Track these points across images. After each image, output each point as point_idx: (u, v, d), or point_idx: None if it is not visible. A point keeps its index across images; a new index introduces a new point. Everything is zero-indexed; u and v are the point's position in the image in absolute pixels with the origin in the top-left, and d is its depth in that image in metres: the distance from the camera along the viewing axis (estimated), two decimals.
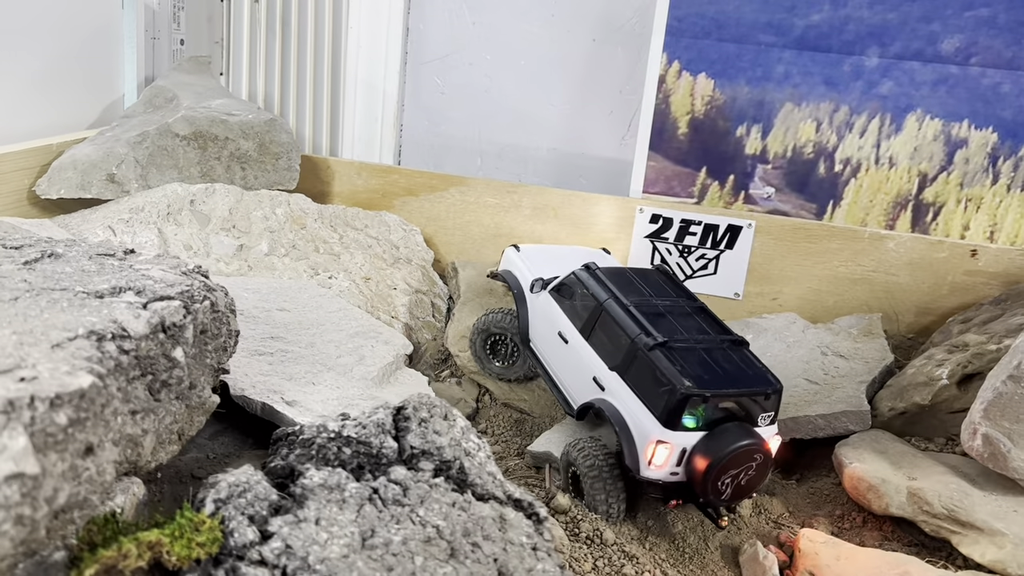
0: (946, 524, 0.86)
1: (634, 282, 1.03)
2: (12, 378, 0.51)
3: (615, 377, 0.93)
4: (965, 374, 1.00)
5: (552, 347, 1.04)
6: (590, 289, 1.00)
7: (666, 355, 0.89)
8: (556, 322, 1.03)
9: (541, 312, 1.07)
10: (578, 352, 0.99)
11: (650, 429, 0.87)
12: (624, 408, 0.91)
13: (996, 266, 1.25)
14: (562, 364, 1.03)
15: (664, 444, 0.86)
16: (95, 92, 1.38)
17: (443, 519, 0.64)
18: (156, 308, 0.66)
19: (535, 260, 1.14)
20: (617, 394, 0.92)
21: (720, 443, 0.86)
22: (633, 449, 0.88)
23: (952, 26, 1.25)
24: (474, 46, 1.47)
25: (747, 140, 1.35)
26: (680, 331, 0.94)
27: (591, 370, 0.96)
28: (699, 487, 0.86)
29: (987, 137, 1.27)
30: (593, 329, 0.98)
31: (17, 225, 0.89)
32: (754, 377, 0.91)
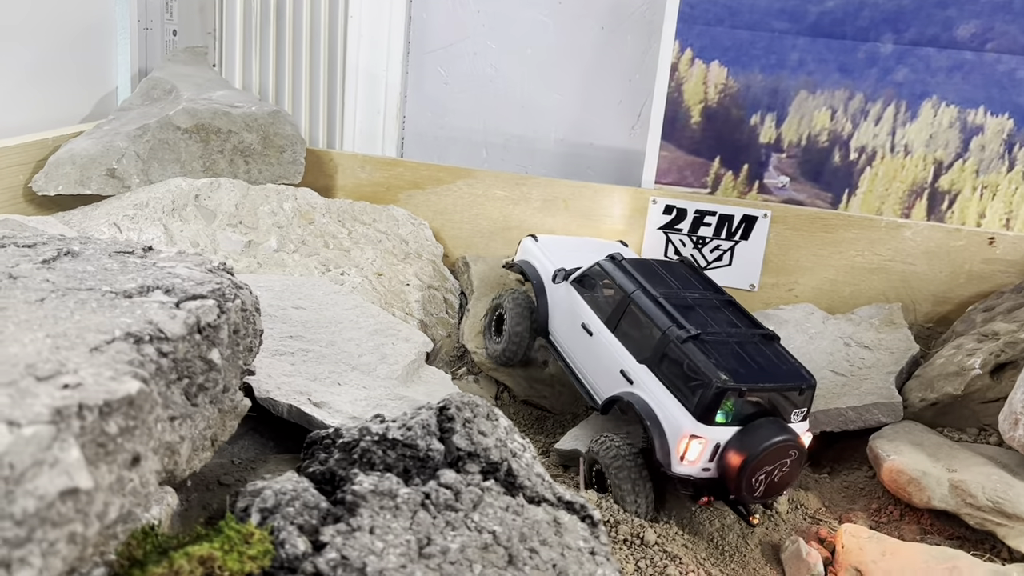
0: (991, 516, 0.84)
1: (660, 273, 1.01)
2: (55, 385, 0.47)
3: (644, 370, 0.91)
4: (998, 363, 0.98)
5: (575, 339, 1.02)
6: (616, 280, 0.98)
7: (700, 348, 0.87)
8: (579, 314, 1.01)
9: (562, 303, 1.04)
10: (604, 344, 0.96)
11: (683, 423, 0.85)
12: (655, 402, 0.88)
13: (1014, 254, 1.24)
14: (586, 357, 1.00)
15: (698, 439, 0.84)
16: (88, 84, 1.33)
17: (499, 524, 0.61)
18: (190, 307, 0.62)
19: (554, 250, 1.11)
20: (647, 387, 0.90)
21: (755, 439, 0.83)
22: (665, 444, 0.86)
23: (968, 11, 1.24)
24: (479, 35, 1.44)
25: (761, 129, 1.32)
26: (711, 324, 0.92)
27: (618, 363, 0.94)
28: (732, 484, 0.84)
29: (1003, 124, 1.26)
30: (620, 321, 0.96)
31: (23, 223, 0.85)
32: (788, 372, 0.89)
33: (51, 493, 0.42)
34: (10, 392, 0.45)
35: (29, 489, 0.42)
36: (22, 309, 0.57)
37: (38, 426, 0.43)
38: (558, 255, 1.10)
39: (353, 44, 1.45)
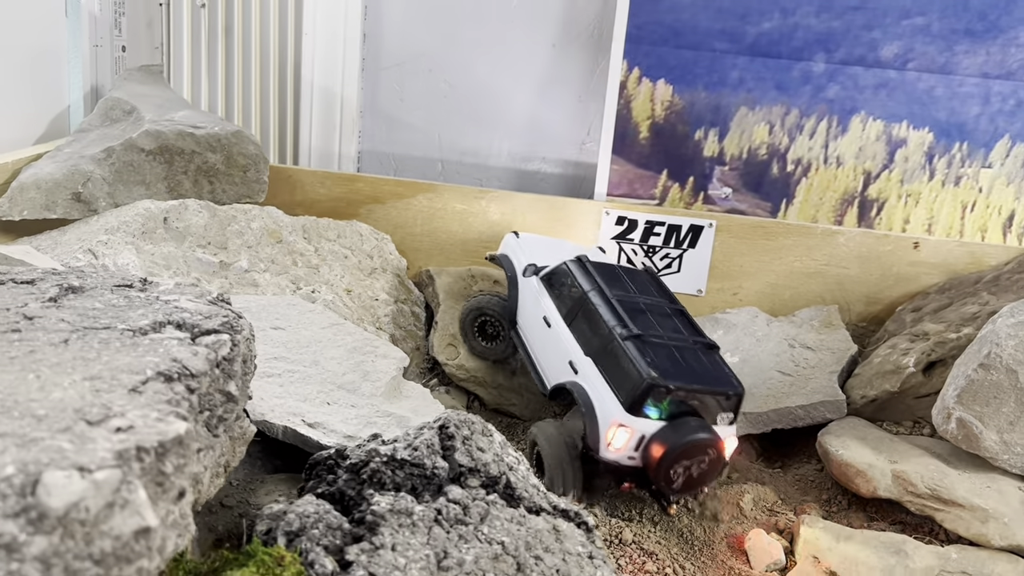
0: (930, 503, 0.93)
1: (621, 278, 1.08)
2: (108, 428, 0.50)
3: (589, 362, 0.98)
4: (929, 361, 1.08)
5: (535, 330, 1.09)
6: (578, 279, 1.05)
7: (638, 346, 0.94)
8: (542, 307, 1.08)
9: (530, 296, 1.11)
10: (559, 336, 1.03)
11: (613, 412, 0.92)
12: (593, 391, 0.96)
13: (936, 257, 1.35)
14: (542, 346, 1.07)
15: (624, 428, 0.91)
16: (40, 104, 1.31)
17: (507, 535, 0.66)
18: (207, 342, 0.65)
19: (532, 248, 1.18)
20: (589, 378, 0.97)
21: (677, 434, 0.90)
22: (595, 430, 0.93)
23: (891, 33, 1.34)
24: (433, 52, 1.48)
25: (705, 143, 1.40)
26: (656, 328, 1.00)
27: (568, 354, 1.01)
28: (653, 473, 0.91)
29: (924, 137, 1.37)
30: (576, 317, 1.03)
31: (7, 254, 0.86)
32: (718, 378, 0.97)
33: (126, 533, 0.45)
34: (70, 438, 0.48)
35: (104, 530, 0.45)
36: (50, 352, 0.59)
37: (107, 471, 0.46)
38: (534, 252, 1.16)
39: (307, 61, 1.47)
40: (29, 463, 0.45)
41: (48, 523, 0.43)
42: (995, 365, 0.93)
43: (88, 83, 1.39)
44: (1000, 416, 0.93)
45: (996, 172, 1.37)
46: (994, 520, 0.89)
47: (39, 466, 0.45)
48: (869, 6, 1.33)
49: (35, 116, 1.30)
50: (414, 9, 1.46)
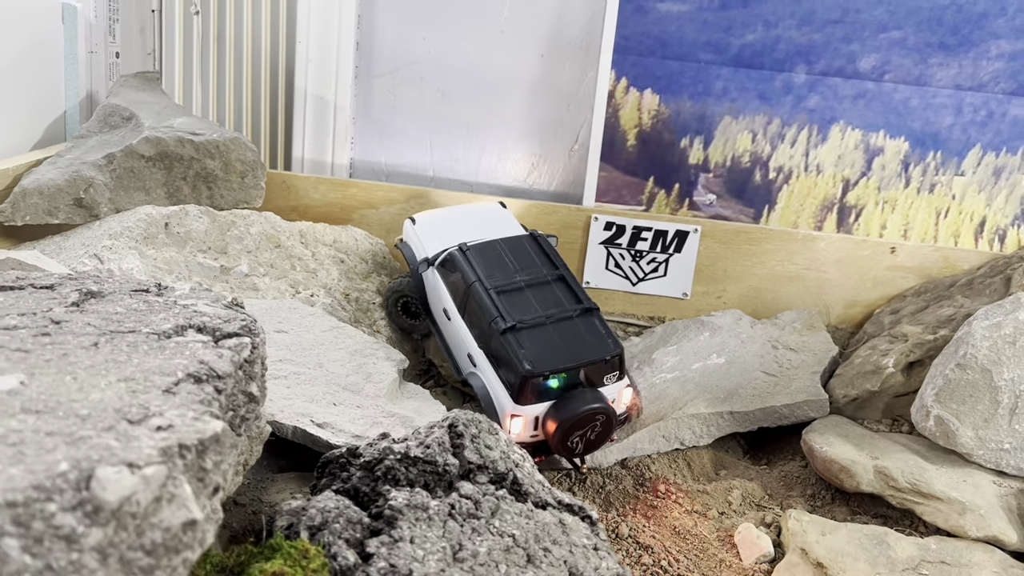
0: (911, 496, 0.97)
1: (502, 259, 1.12)
2: (149, 427, 0.53)
3: (481, 354, 1.05)
4: (908, 362, 1.13)
5: (442, 320, 1.14)
6: (461, 271, 1.09)
7: (514, 338, 1.01)
8: (442, 298, 1.12)
9: (432, 287, 1.15)
10: (457, 328, 1.09)
11: (505, 405, 1.00)
12: (488, 383, 1.03)
13: (912, 261, 1.40)
14: (449, 338, 1.13)
15: (518, 417, 1.00)
16: (37, 110, 1.33)
17: (517, 528, 0.70)
18: (230, 345, 0.67)
19: (428, 233, 1.20)
20: (483, 370, 1.04)
21: (566, 410, 0.99)
22: (496, 420, 1.01)
23: (869, 46, 1.39)
24: (425, 60, 1.51)
25: (690, 151, 1.45)
26: (535, 306, 1.05)
27: (466, 346, 1.07)
28: (553, 447, 1.00)
29: (900, 146, 1.42)
30: (465, 308, 1.08)
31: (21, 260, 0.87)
32: (594, 346, 1.03)
33: (175, 525, 0.48)
34: (115, 436, 0.51)
35: (155, 523, 0.48)
36: (82, 354, 0.62)
37: (154, 467, 0.49)
38: (430, 238, 1.18)
39: (300, 68, 1.49)
40: (81, 460, 0.47)
41: (103, 516, 0.46)
42: (971, 365, 0.98)
43: (83, 89, 1.41)
44: (976, 414, 0.98)
45: (968, 180, 1.42)
46: (971, 512, 0.93)
47: (91, 462, 0.47)
48: (848, 20, 1.38)
49: (32, 122, 1.31)
50: (407, 18, 1.49)
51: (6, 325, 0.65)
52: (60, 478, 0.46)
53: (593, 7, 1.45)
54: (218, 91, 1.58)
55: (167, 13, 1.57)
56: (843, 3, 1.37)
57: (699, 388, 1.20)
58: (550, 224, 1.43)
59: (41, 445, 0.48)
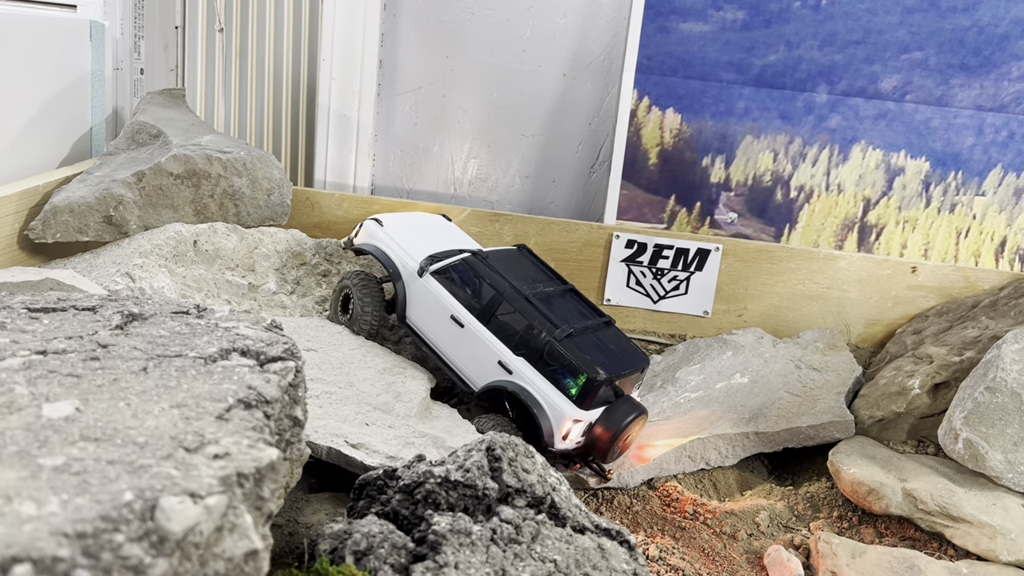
0: (940, 520, 0.98)
1: (518, 268, 1.14)
2: (205, 455, 0.53)
3: (523, 362, 1.05)
4: (934, 384, 1.13)
5: (442, 329, 1.10)
6: (487, 278, 1.09)
7: (574, 345, 1.04)
8: (447, 306, 1.09)
9: (425, 294, 1.11)
10: (477, 337, 1.07)
11: (566, 410, 1.02)
12: (538, 391, 1.03)
13: (933, 281, 1.40)
14: (456, 346, 1.10)
15: (579, 422, 1.03)
16: (65, 127, 1.34)
17: (558, 554, 0.70)
18: (275, 369, 0.68)
19: (403, 237, 1.16)
20: (527, 378, 1.04)
21: (617, 417, 1.04)
22: (550, 427, 1.02)
23: (891, 67, 1.40)
24: (447, 79, 1.52)
25: (712, 170, 1.45)
26: (572, 316, 1.09)
27: (495, 355, 1.06)
28: (601, 454, 1.05)
29: (921, 166, 1.43)
30: (492, 317, 1.07)
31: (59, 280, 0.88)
32: (633, 356, 1.09)
33: (238, 555, 0.48)
34: (175, 465, 0.51)
35: (217, 553, 0.48)
36: (133, 380, 0.62)
37: (216, 496, 0.49)
38: (409, 242, 1.16)
39: (324, 86, 1.50)
40: (144, 489, 0.48)
41: (168, 546, 0.46)
42: (1000, 388, 0.98)
43: (110, 106, 1.42)
44: (1005, 437, 0.98)
45: (989, 200, 1.43)
46: (1001, 536, 0.93)
47: (154, 492, 0.48)
48: (870, 40, 1.38)
49: (60, 138, 1.32)
50: (430, 37, 1.50)
51: (55, 349, 0.65)
52: (126, 508, 0.46)
53: (616, 27, 1.46)
54: (240, 108, 1.59)
55: (190, 30, 1.58)
56: (865, 24, 1.38)
57: (724, 408, 1.20)
58: (572, 242, 1.43)
59: (104, 474, 0.49)
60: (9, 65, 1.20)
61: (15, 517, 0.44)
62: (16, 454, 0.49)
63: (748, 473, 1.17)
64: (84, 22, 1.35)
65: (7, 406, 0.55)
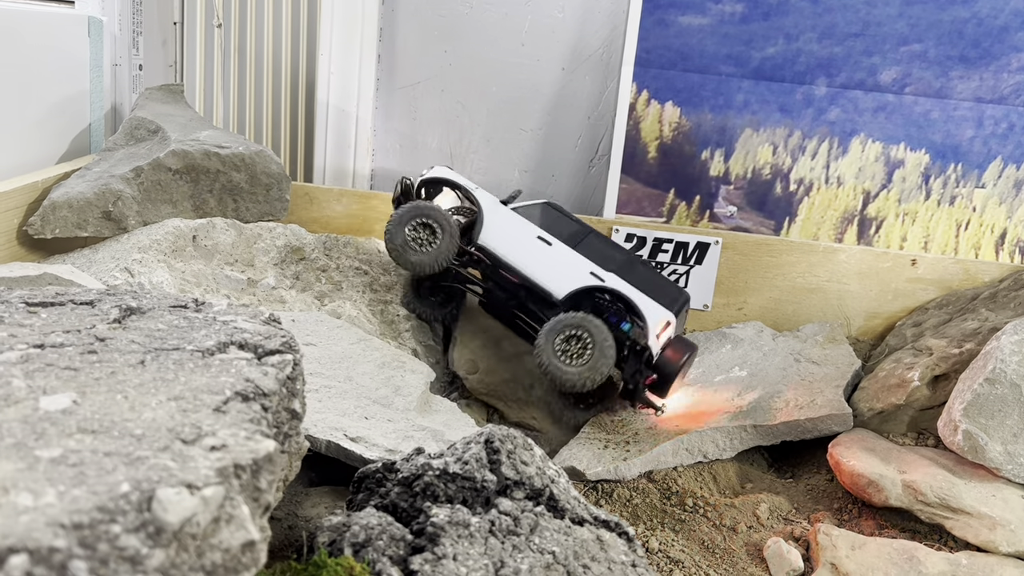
0: (939, 511, 0.98)
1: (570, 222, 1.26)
2: (203, 447, 0.53)
3: (614, 276, 1.16)
4: (934, 376, 1.13)
5: (526, 247, 1.18)
6: (570, 217, 1.25)
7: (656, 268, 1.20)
8: (533, 229, 1.20)
9: (508, 220, 1.21)
10: (567, 253, 1.18)
11: (661, 313, 1.13)
12: (633, 295, 1.13)
13: (933, 273, 1.40)
14: (542, 261, 1.18)
15: (671, 325, 1.14)
16: (64, 123, 1.34)
17: (556, 545, 0.70)
18: (273, 362, 0.68)
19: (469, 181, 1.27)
20: (621, 286, 1.14)
21: (685, 343, 1.17)
22: (645, 324, 1.12)
23: (890, 59, 1.39)
24: (446, 73, 1.51)
25: (711, 163, 1.45)
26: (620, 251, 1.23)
27: (587, 266, 1.16)
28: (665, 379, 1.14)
29: (921, 158, 1.42)
30: (579, 243, 1.20)
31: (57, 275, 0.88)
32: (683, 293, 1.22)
33: (235, 546, 0.48)
34: (172, 456, 0.51)
35: (214, 544, 0.48)
36: (130, 373, 0.62)
37: (212, 487, 0.49)
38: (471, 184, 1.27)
39: (323, 81, 1.50)
40: (141, 480, 0.48)
41: (165, 537, 0.46)
42: (1000, 380, 0.98)
43: (108, 101, 1.42)
44: (1005, 428, 0.98)
45: (989, 192, 1.43)
46: (1001, 527, 0.93)
47: (151, 484, 0.48)
48: (869, 33, 1.38)
49: (59, 134, 1.32)
50: (428, 31, 1.50)
51: (53, 343, 0.65)
52: (123, 499, 0.46)
53: (614, 20, 1.46)
54: (239, 103, 1.59)
55: (189, 26, 1.58)
56: (864, 16, 1.37)
57: (722, 400, 1.20)
58: None
59: (101, 466, 0.49)
60: (8, 61, 1.20)
61: (12, 508, 0.44)
62: (13, 446, 0.49)
63: (748, 466, 1.17)
64: (82, 18, 1.35)
65: (4, 399, 0.55)
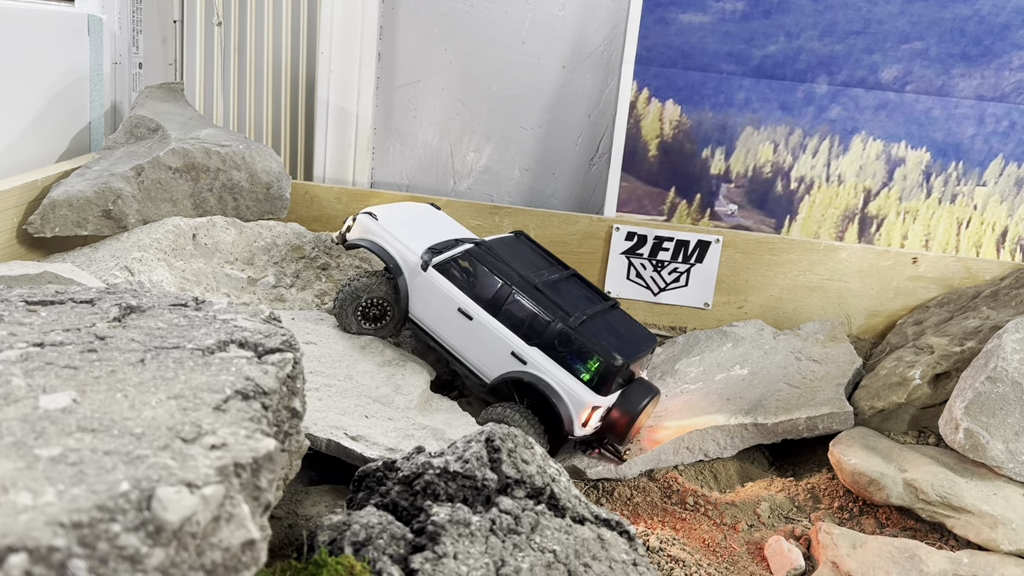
0: (940, 510, 0.97)
1: (521, 255, 1.13)
2: (202, 446, 0.53)
3: (538, 352, 1.04)
4: (935, 374, 1.13)
5: (450, 323, 1.08)
6: (493, 269, 1.07)
7: (589, 331, 1.04)
8: (453, 299, 1.07)
9: (430, 288, 1.08)
10: (487, 328, 1.06)
11: (585, 398, 1.02)
12: (555, 380, 1.03)
13: (934, 272, 1.40)
14: (466, 339, 1.07)
15: (599, 408, 1.03)
16: (64, 122, 1.33)
17: (557, 544, 0.70)
18: (273, 361, 0.68)
19: (400, 230, 1.13)
20: (543, 368, 1.04)
21: (634, 401, 1.06)
22: (569, 415, 1.03)
23: (891, 57, 1.39)
24: (446, 71, 1.51)
25: (712, 161, 1.45)
26: (578, 302, 1.09)
27: (507, 345, 1.05)
28: (619, 437, 1.06)
29: (922, 156, 1.42)
30: (502, 308, 1.06)
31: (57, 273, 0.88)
32: (643, 337, 1.10)
33: (235, 545, 0.48)
34: (171, 455, 0.51)
35: (214, 542, 0.48)
36: (130, 371, 0.62)
37: (212, 486, 0.49)
38: (404, 234, 1.12)
39: (323, 79, 1.50)
40: (141, 479, 0.48)
41: (165, 536, 0.46)
42: (1001, 378, 0.98)
43: (108, 100, 1.41)
44: (1006, 427, 0.98)
45: (990, 190, 1.42)
46: (1002, 526, 0.93)
47: (150, 482, 0.48)
48: (870, 31, 1.38)
49: (58, 132, 1.32)
50: (428, 29, 1.50)
51: (53, 341, 0.65)
52: (122, 498, 0.46)
53: (615, 18, 1.46)
54: (239, 101, 1.59)
55: (188, 24, 1.58)
56: (865, 14, 1.37)
57: (723, 399, 1.20)
58: (572, 234, 1.43)
59: (100, 464, 0.49)
60: (8, 60, 1.19)
61: (11, 507, 0.44)
62: (12, 445, 0.49)
63: (748, 464, 1.17)
64: (82, 16, 1.35)
65: (4, 397, 0.55)
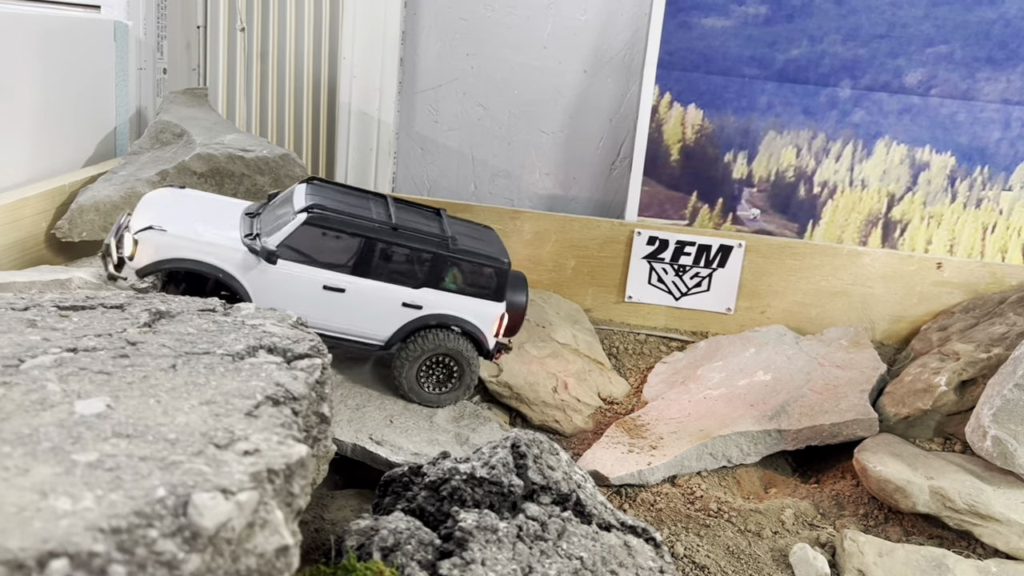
0: (968, 518, 0.97)
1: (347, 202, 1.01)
2: (236, 451, 0.53)
3: (429, 291, 1.01)
4: (961, 381, 1.12)
5: (317, 305, 0.97)
6: (342, 230, 0.97)
7: (464, 247, 1.02)
8: (314, 279, 0.97)
9: (278, 279, 0.96)
10: (365, 293, 0.98)
11: (492, 311, 1.04)
12: (458, 310, 1.02)
13: (959, 277, 1.39)
14: (343, 314, 0.99)
15: (504, 314, 1.06)
16: (90, 127, 1.35)
17: (584, 551, 0.70)
18: (303, 366, 0.68)
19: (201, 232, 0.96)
20: (441, 303, 1.02)
21: (518, 293, 1.09)
22: (483, 334, 1.04)
23: (915, 60, 1.38)
24: (467, 76, 1.52)
25: (734, 166, 1.44)
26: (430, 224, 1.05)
27: (395, 300, 0.99)
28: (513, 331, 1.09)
29: (946, 161, 1.41)
30: (372, 265, 0.98)
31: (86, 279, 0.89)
32: (486, 228, 1.14)
33: (269, 551, 0.49)
34: (206, 461, 0.51)
35: (249, 548, 0.48)
36: (162, 377, 0.63)
37: (247, 492, 0.49)
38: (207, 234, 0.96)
39: (345, 84, 1.50)
40: (177, 485, 0.48)
41: (201, 542, 0.46)
42: None
43: (133, 105, 1.43)
44: None
45: (1016, 194, 1.41)
46: None
47: (186, 488, 0.48)
48: (894, 34, 1.37)
49: (85, 138, 1.34)
50: (450, 34, 1.50)
51: (85, 347, 0.66)
52: (159, 504, 0.47)
53: (637, 22, 1.46)
54: (262, 107, 1.60)
55: (212, 30, 1.59)
56: (889, 18, 1.36)
57: (746, 404, 1.19)
58: (593, 239, 1.43)
59: (136, 470, 0.49)
60: (36, 66, 1.21)
61: (51, 512, 0.44)
62: (50, 450, 0.50)
63: (772, 471, 1.16)
64: (108, 23, 1.36)
65: (40, 403, 0.55)
